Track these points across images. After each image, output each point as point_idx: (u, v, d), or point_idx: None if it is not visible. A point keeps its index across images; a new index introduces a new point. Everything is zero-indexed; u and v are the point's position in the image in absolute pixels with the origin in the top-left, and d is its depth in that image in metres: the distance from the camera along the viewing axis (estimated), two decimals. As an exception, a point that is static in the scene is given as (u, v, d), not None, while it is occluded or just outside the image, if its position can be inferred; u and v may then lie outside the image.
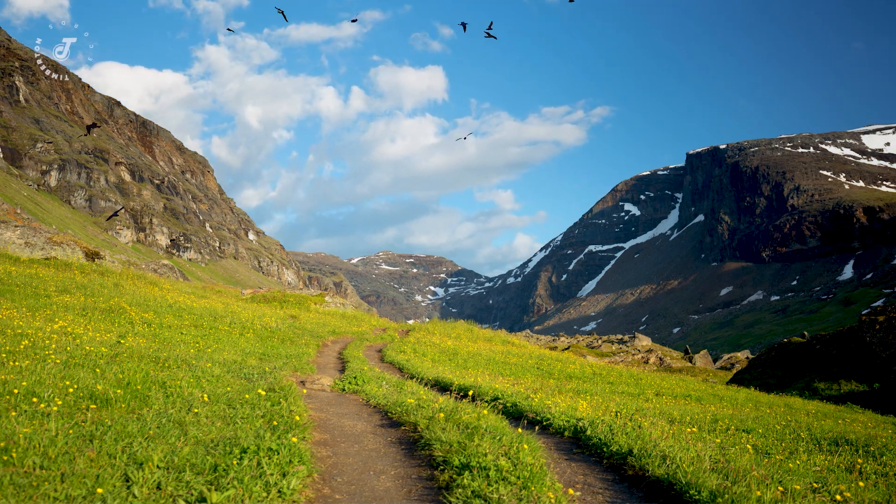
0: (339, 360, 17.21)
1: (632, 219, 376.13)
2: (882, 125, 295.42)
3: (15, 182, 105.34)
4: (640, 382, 19.18)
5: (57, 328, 11.65)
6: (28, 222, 38.28)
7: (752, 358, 42.55)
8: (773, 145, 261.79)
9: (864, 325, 25.48)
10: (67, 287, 19.23)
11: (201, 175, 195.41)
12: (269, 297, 34.41)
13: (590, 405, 10.43)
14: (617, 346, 60.33)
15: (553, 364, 21.49)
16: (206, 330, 16.89)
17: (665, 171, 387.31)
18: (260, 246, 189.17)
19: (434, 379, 12.99)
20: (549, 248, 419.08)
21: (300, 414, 7.14)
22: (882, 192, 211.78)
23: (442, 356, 19.94)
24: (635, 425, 7.76)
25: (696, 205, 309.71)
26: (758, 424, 11.41)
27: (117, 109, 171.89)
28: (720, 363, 54.45)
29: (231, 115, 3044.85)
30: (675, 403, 15.10)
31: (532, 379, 17.01)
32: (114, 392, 6.73)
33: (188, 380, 8.24)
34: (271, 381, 9.09)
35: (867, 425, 13.98)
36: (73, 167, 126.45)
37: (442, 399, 8.68)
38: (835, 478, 6.90)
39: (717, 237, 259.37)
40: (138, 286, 23.98)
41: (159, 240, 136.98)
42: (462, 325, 30.49)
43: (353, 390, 10.92)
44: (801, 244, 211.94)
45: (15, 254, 26.63)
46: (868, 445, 10.01)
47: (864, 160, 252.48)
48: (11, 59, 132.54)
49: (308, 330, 22.38)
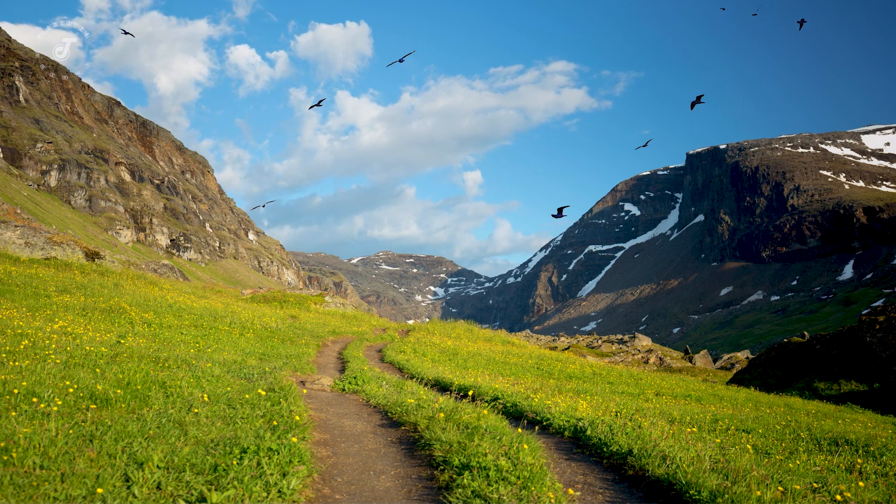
0: (339, 360, 17.20)
1: (632, 219, 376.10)
2: (882, 125, 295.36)
3: (15, 182, 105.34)
4: (640, 382, 19.19)
5: (57, 328, 11.65)
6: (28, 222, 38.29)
7: (752, 358, 42.54)
8: (773, 145, 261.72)
9: (864, 325, 25.48)
10: (67, 287, 19.23)
11: (201, 175, 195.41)
12: (269, 297, 34.41)
13: (590, 405, 10.43)
14: (617, 346, 60.33)
15: (553, 364, 21.49)
16: (206, 330, 16.89)
17: (665, 171, 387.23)
18: (260, 246, 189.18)
19: (434, 379, 12.99)
20: (549, 247, 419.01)
21: (300, 414, 7.14)
22: (882, 192, 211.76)
23: (442, 356, 19.94)
24: (635, 425, 7.76)
25: (696, 205, 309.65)
26: (758, 424, 11.41)
27: (117, 109, 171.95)
28: (720, 363, 54.45)
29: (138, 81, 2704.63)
30: (675, 403, 15.10)
31: (532, 379, 17.00)
32: (114, 392, 6.73)
33: (188, 380, 8.23)
34: (271, 381, 9.08)
35: (867, 425, 13.98)
36: (73, 167, 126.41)
37: (442, 399, 8.68)
38: (835, 478, 6.89)
39: (717, 237, 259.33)
40: (138, 286, 23.98)
41: (159, 240, 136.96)
42: (462, 325, 30.48)
43: (353, 390, 10.92)
44: (801, 244, 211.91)
45: (15, 254, 26.62)
46: (868, 445, 10.01)
47: (864, 160, 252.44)
48: (11, 59, 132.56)
49: (308, 330, 22.37)
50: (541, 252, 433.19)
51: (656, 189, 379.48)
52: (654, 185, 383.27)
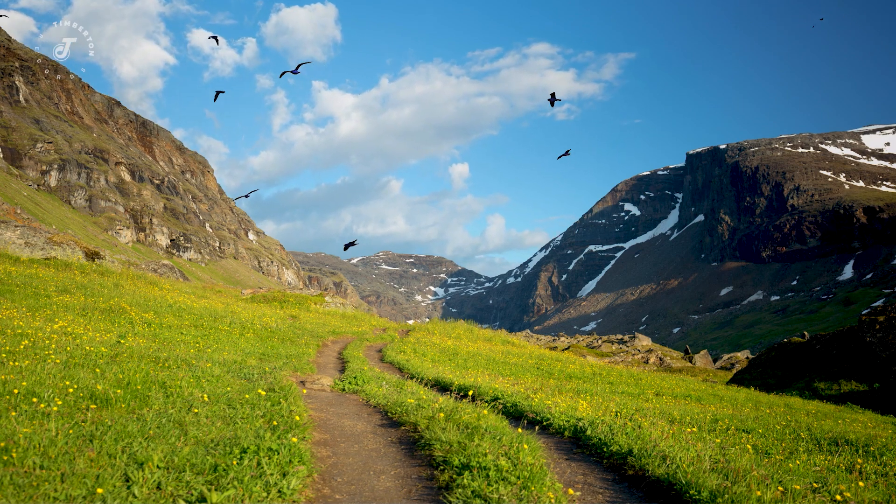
0: (339, 360, 17.20)
1: (632, 219, 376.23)
2: (882, 125, 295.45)
3: (15, 182, 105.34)
4: (640, 382, 19.19)
5: (57, 328, 11.64)
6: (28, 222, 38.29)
7: (752, 358, 42.54)
8: (773, 145, 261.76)
9: (864, 325, 25.48)
10: (67, 287, 19.23)
11: (201, 175, 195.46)
12: (269, 297, 34.41)
13: (590, 405, 10.43)
14: (617, 346, 60.33)
15: (553, 364, 21.49)
16: (206, 330, 16.88)
17: (665, 171, 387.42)
18: (260, 246, 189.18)
19: (434, 379, 12.98)
20: (549, 247, 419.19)
21: (300, 414, 7.14)
22: (882, 192, 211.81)
23: (442, 356, 19.93)
24: (635, 425, 7.76)
25: (696, 205, 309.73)
26: (758, 424, 11.41)
27: (117, 109, 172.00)
28: (720, 363, 54.46)
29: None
30: (675, 403, 15.10)
31: (532, 379, 17.00)
32: (114, 392, 6.73)
33: (188, 380, 8.23)
34: (271, 381, 9.08)
35: (867, 425, 13.98)
36: (73, 167, 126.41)
37: (442, 399, 8.68)
38: (835, 478, 6.89)
39: (717, 237, 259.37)
40: (138, 286, 23.98)
41: (159, 240, 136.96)
42: (462, 325, 30.48)
43: (353, 390, 10.92)
44: (801, 244, 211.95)
45: (15, 254, 26.62)
46: (868, 445, 10.01)
47: (864, 160, 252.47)
48: (11, 59, 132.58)
49: (308, 330, 22.36)
50: (541, 252, 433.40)
51: (656, 189, 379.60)
52: (654, 185, 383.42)
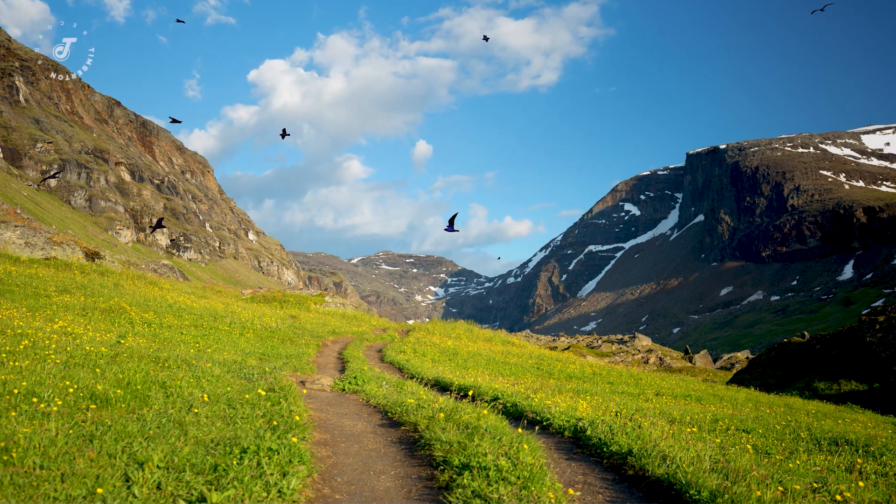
0: (339, 360, 17.20)
1: (632, 219, 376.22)
2: (882, 125, 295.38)
3: (15, 182, 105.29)
4: (640, 382, 19.18)
5: (57, 328, 11.64)
6: (28, 222, 38.28)
7: (752, 358, 42.54)
8: (773, 145, 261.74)
9: (864, 325, 25.48)
10: (67, 287, 19.22)
11: (201, 175, 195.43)
12: (269, 297, 34.40)
13: (590, 405, 10.43)
14: (617, 346, 60.33)
15: (553, 364, 21.49)
16: (206, 330, 16.88)
17: (665, 171, 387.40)
18: (260, 246, 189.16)
19: (434, 379, 12.98)
20: (549, 247, 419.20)
21: (300, 414, 7.14)
22: (882, 192, 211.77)
23: (442, 356, 19.93)
24: (635, 425, 7.76)
25: (696, 205, 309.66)
26: (758, 424, 11.41)
27: (117, 109, 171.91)
28: (720, 363, 54.46)
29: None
30: (675, 403, 15.09)
31: (532, 379, 17.00)
32: (114, 392, 6.73)
33: (188, 380, 8.23)
34: (271, 381, 9.08)
35: (867, 425, 13.98)
36: (73, 167, 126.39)
37: (442, 399, 8.68)
38: (835, 478, 6.89)
39: (717, 237, 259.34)
40: (138, 286, 23.97)
41: (159, 240, 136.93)
42: (462, 325, 30.47)
43: (353, 390, 10.92)
44: (801, 244, 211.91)
45: (15, 254, 26.62)
46: (868, 445, 10.01)
47: (864, 160, 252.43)
48: (11, 59, 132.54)
49: (308, 330, 22.36)
50: (541, 252, 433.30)
51: (656, 189, 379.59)
52: (654, 185, 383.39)
